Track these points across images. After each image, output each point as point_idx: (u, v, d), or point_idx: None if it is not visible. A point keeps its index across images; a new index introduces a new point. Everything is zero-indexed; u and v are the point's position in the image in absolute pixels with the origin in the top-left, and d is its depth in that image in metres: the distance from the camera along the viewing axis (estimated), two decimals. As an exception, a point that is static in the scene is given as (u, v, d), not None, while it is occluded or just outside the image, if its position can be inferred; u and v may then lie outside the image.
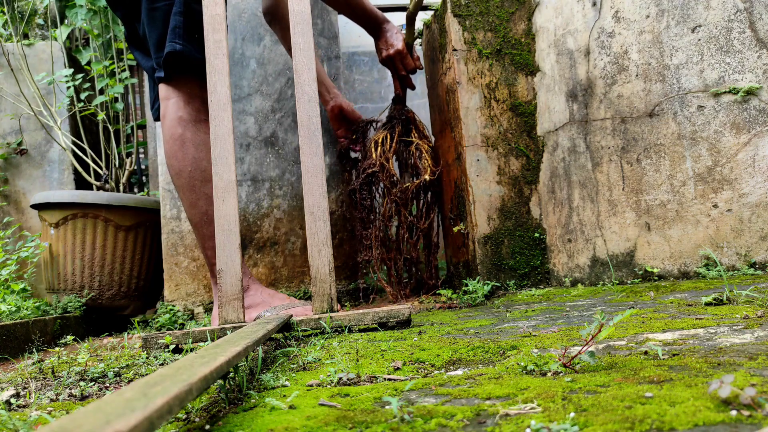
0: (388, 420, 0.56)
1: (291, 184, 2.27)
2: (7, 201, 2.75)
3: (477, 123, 1.99)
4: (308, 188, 1.50)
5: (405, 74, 2.11)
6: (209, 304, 2.16)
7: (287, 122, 2.29)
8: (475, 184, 1.96)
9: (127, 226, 2.32)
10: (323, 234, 1.47)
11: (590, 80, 1.77)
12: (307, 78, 1.56)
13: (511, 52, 2.03)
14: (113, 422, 0.35)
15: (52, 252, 2.30)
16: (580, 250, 1.80)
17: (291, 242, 2.25)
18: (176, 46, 1.61)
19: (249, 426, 0.59)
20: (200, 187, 1.66)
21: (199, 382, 0.51)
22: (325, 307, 1.43)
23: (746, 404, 0.48)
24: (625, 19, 1.69)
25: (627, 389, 0.58)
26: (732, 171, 1.51)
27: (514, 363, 0.79)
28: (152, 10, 1.65)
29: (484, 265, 1.93)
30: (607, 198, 1.72)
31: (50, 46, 2.82)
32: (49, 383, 1.04)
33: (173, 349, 1.30)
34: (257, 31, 2.31)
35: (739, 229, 1.50)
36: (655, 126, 1.62)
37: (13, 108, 2.77)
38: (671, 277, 1.59)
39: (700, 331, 0.88)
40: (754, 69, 1.51)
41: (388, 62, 2.10)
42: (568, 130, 1.84)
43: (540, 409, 0.55)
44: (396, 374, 0.83)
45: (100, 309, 2.30)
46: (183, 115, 1.66)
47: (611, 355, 0.77)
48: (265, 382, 0.83)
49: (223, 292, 1.42)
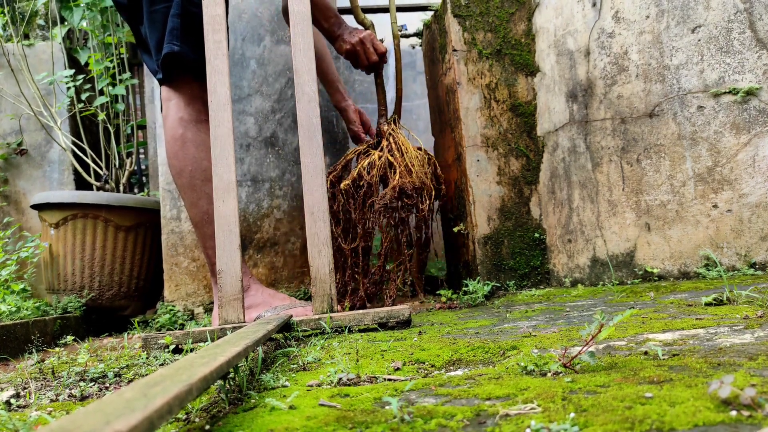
0: (388, 420, 0.56)
1: (291, 185, 2.27)
2: (7, 201, 2.75)
3: (477, 123, 1.99)
4: (308, 188, 1.50)
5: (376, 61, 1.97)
6: (209, 304, 2.16)
7: (287, 122, 2.29)
8: (475, 184, 1.96)
9: (127, 227, 2.32)
10: (323, 234, 1.47)
11: (590, 81, 1.77)
12: (307, 78, 1.56)
13: (511, 53, 2.03)
14: (113, 422, 0.35)
15: (52, 252, 2.30)
16: (580, 250, 1.80)
17: (291, 242, 2.25)
18: (174, 47, 1.62)
19: (249, 426, 0.59)
20: (201, 187, 1.67)
21: (199, 383, 0.51)
22: (325, 308, 1.43)
23: (746, 404, 0.48)
24: (625, 20, 1.69)
25: (627, 389, 0.58)
26: (732, 171, 1.51)
27: (514, 363, 0.79)
28: (152, 12, 1.66)
29: (484, 266, 1.93)
30: (607, 198, 1.72)
31: (51, 47, 2.82)
32: (49, 383, 1.04)
33: (173, 350, 1.30)
34: (257, 31, 2.31)
35: (739, 229, 1.50)
36: (655, 126, 1.62)
37: (13, 108, 2.77)
38: (671, 278, 1.59)
39: (700, 331, 0.88)
40: (754, 69, 1.51)
41: (351, 54, 1.96)
42: (568, 131, 1.84)
43: (540, 409, 0.55)
44: (396, 374, 0.83)
45: (100, 309, 2.30)
46: (184, 115, 1.67)
47: (611, 356, 0.77)
48: (265, 382, 0.83)
49: (223, 292, 1.42)
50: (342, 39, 1.95)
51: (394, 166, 1.91)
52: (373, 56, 1.94)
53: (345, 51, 1.96)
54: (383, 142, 1.98)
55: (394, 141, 1.96)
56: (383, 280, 1.94)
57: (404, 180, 1.87)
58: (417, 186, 1.90)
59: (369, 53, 1.94)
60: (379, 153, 1.94)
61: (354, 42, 1.93)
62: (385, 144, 1.97)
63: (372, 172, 1.90)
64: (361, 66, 1.99)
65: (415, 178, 1.90)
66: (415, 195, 1.90)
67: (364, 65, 1.98)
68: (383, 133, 2.00)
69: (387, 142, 1.96)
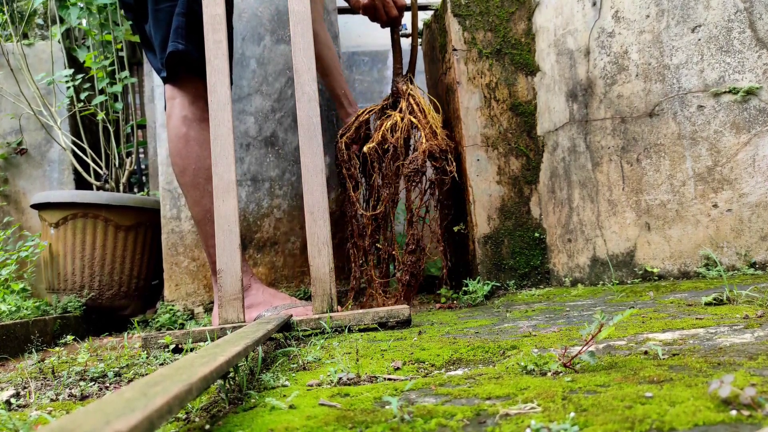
0: (388, 420, 0.56)
1: (291, 184, 2.27)
2: (7, 201, 2.75)
3: (477, 123, 1.99)
4: (308, 188, 1.50)
5: (396, 16, 1.89)
6: (209, 304, 2.16)
7: (287, 122, 2.29)
8: (475, 184, 1.96)
9: (127, 226, 2.32)
10: (323, 234, 1.47)
11: (590, 80, 1.77)
12: (307, 78, 1.56)
13: (511, 52, 2.03)
14: (113, 422, 0.35)
15: (52, 252, 2.30)
16: (580, 250, 1.80)
17: (291, 242, 2.25)
18: (178, 46, 1.63)
19: (249, 426, 0.59)
20: (204, 185, 1.67)
21: (199, 382, 0.51)
22: (325, 307, 1.43)
23: (746, 404, 0.48)
24: (625, 19, 1.69)
25: (627, 389, 0.58)
26: (732, 171, 1.51)
27: (514, 363, 0.79)
28: (157, 11, 1.67)
29: (484, 265, 1.93)
30: (607, 198, 1.72)
31: (50, 46, 2.82)
32: (49, 383, 1.04)
33: (173, 349, 1.30)
34: (257, 31, 2.31)
35: (739, 228, 1.50)
36: (655, 126, 1.62)
37: (13, 108, 2.77)
38: (671, 277, 1.59)
39: (700, 331, 0.88)
40: (754, 69, 1.51)
41: (369, 9, 1.87)
42: (568, 130, 1.84)
43: (540, 408, 0.55)
44: (396, 374, 0.83)
45: (100, 309, 2.30)
46: (187, 114, 1.68)
47: (611, 355, 0.77)
48: (265, 382, 0.83)
49: (223, 291, 1.42)
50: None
51: (418, 128, 1.83)
52: (393, 10, 1.85)
53: (362, 6, 1.87)
54: (402, 103, 1.89)
55: (414, 101, 1.88)
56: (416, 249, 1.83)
57: (431, 143, 1.80)
58: (443, 148, 1.83)
59: (389, 7, 1.84)
60: (400, 114, 1.86)
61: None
62: (404, 105, 1.88)
63: (396, 134, 1.82)
64: (379, 21, 1.91)
65: (440, 140, 1.83)
66: (443, 158, 1.83)
67: (383, 20, 1.90)
68: (401, 92, 1.91)
69: (406, 103, 1.88)
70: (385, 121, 1.87)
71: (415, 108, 1.86)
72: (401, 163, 1.82)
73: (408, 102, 1.88)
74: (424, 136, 1.81)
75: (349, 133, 1.92)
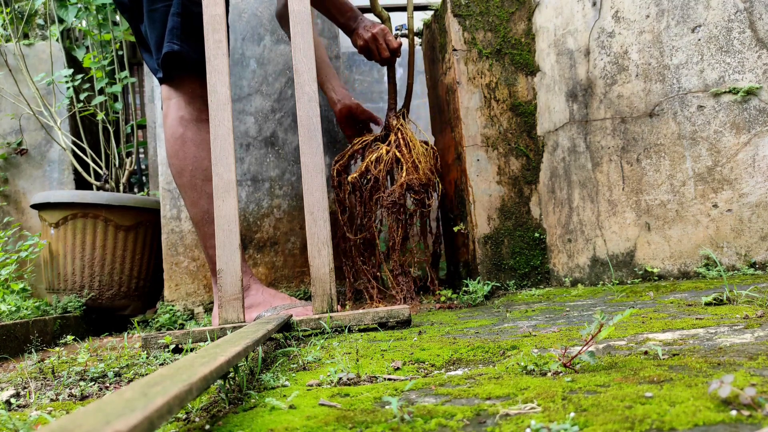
0: (388, 420, 0.56)
1: (291, 184, 2.27)
2: (7, 201, 2.75)
3: (477, 123, 1.99)
4: (308, 188, 1.50)
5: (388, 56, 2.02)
6: (209, 304, 2.16)
7: (287, 122, 2.29)
8: (475, 184, 1.96)
9: (127, 226, 2.32)
10: (323, 234, 1.47)
11: (590, 80, 1.77)
12: (307, 78, 1.56)
13: (511, 52, 2.03)
14: (113, 422, 0.35)
15: (52, 252, 2.30)
16: (580, 250, 1.80)
17: (291, 242, 2.25)
18: (174, 46, 1.63)
19: (249, 426, 0.59)
20: (201, 186, 1.67)
21: (199, 382, 0.51)
22: (325, 307, 1.43)
23: (746, 404, 0.48)
24: (625, 19, 1.69)
25: (627, 389, 0.58)
26: (732, 171, 1.51)
27: (514, 363, 0.79)
28: (152, 11, 1.66)
29: (484, 265, 1.93)
30: (607, 198, 1.72)
31: (50, 46, 2.82)
32: (49, 383, 1.04)
33: (173, 349, 1.30)
34: (257, 31, 2.31)
35: (739, 229, 1.50)
36: (655, 126, 1.62)
37: (13, 108, 2.77)
38: (671, 277, 1.59)
39: (700, 331, 0.88)
40: (754, 69, 1.51)
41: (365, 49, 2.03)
42: (568, 130, 1.84)
43: (540, 409, 0.55)
44: (396, 374, 0.83)
45: (100, 309, 2.30)
46: (184, 114, 1.67)
47: (611, 355, 0.77)
48: (265, 382, 0.83)
49: (223, 292, 1.42)
50: (357, 34, 2.01)
51: (401, 162, 1.93)
52: (385, 52, 2.00)
53: (359, 46, 2.02)
54: (391, 136, 2.00)
55: (402, 136, 1.99)
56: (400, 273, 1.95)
57: (411, 177, 1.90)
58: (423, 182, 1.93)
59: (381, 49, 1.99)
60: (387, 147, 1.96)
61: (367, 38, 1.98)
62: (393, 138, 1.99)
63: (379, 166, 1.93)
64: (374, 59, 2.05)
65: (421, 174, 1.93)
66: (422, 191, 1.93)
67: (377, 59, 2.04)
68: (392, 126, 2.03)
69: (395, 137, 1.99)
70: (371, 153, 1.98)
71: (401, 143, 1.98)
72: (380, 195, 1.93)
73: (396, 136, 1.99)
74: (405, 170, 1.91)
75: (342, 161, 2.05)
